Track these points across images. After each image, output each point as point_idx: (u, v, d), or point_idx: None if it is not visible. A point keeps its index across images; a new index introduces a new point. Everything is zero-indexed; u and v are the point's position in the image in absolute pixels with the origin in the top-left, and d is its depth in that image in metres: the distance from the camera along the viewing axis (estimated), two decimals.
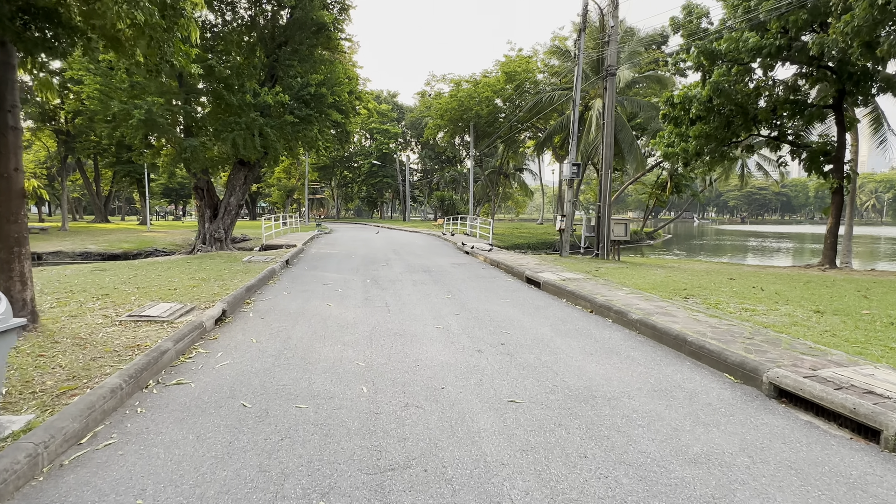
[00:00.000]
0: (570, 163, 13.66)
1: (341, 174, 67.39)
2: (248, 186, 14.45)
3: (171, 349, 4.73)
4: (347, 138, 31.31)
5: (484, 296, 8.27)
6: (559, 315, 6.85)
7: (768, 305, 6.98)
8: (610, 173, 13.15)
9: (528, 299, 8.03)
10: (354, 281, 9.73)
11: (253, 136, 12.29)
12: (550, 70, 29.73)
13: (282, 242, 17.07)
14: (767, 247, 43.13)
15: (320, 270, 11.22)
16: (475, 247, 15.56)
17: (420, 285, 9.30)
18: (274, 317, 6.57)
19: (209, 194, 13.84)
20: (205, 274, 9.33)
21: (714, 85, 12.67)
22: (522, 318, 6.65)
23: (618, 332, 5.91)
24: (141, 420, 3.41)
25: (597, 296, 7.40)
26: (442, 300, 7.84)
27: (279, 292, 8.37)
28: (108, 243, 24.39)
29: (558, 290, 8.31)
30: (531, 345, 5.33)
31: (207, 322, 5.81)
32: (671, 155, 15.39)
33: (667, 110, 15.88)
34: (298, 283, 9.30)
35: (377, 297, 8.08)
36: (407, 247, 18.11)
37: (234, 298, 7.11)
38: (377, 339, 5.52)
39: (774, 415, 3.61)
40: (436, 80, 31.87)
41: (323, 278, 10.03)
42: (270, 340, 5.41)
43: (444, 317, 6.65)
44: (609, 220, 13.20)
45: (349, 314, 6.76)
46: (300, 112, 13.33)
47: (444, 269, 11.62)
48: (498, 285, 9.46)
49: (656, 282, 9.25)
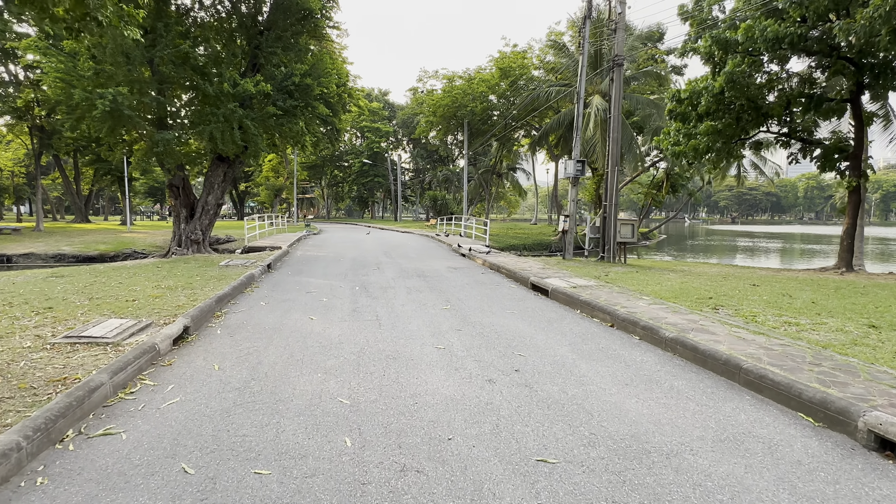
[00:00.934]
0: (574, 159, 12.81)
1: (331, 173, 66.23)
2: (227, 184, 13.44)
3: (107, 383, 3.77)
4: (338, 136, 30.34)
5: (487, 306, 7.36)
6: (576, 330, 5.97)
7: (811, 318, 6.15)
8: (617, 171, 12.33)
9: (538, 310, 7.14)
10: (342, 288, 8.79)
11: (232, 129, 11.29)
12: (546, 66, 28.91)
13: (266, 244, 16.05)
14: (766, 247, 42.73)
15: (305, 276, 10.25)
16: (472, 249, 14.67)
17: (415, 293, 8.38)
18: (245, 334, 5.61)
19: (185, 192, 12.80)
20: (173, 281, 8.33)
21: (729, 76, 11.89)
22: (535, 334, 5.75)
23: (650, 354, 5.03)
24: (36, 501, 2.46)
25: (616, 307, 6.53)
26: (440, 311, 6.93)
27: (256, 302, 7.40)
28: (83, 244, 23.16)
29: (570, 299, 7.43)
30: (552, 371, 4.44)
31: (163, 343, 4.85)
32: (678, 153, 14.60)
33: (673, 106, 15.09)
34: (279, 292, 8.34)
35: (367, 307, 7.15)
36: (399, 249, 17.17)
37: (201, 311, 6.15)
38: (366, 363, 4.60)
39: (889, 479, 2.74)
40: (428, 76, 31.07)
41: (307, 285, 9.07)
42: (236, 367, 4.47)
43: (445, 333, 5.74)
44: (616, 220, 12.38)
45: (334, 330, 5.83)
46: (284, 104, 12.33)
47: (441, 274, 10.70)
48: (501, 293, 8.57)
49: (675, 288, 8.41)
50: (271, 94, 12.05)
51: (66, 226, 36.44)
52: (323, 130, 29.19)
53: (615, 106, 12.31)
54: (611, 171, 12.40)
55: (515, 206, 74.27)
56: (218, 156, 12.74)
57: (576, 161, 12.79)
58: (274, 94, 12.26)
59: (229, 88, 10.85)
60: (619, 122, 12.42)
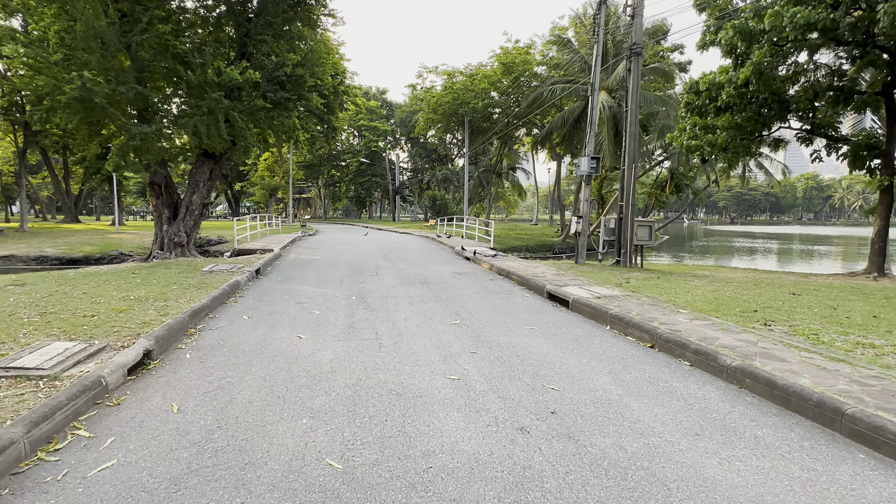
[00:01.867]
0: (588, 156, 11.91)
1: (328, 173, 65.26)
2: (214, 182, 12.49)
3: (21, 440, 2.86)
4: (334, 134, 29.38)
5: (502, 320, 6.46)
6: (612, 353, 5.07)
7: (883, 337, 5.27)
8: (634, 168, 11.44)
9: (561, 326, 6.23)
10: (337, 298, 7.87)
11: (217, 123, 10.35)
12: (550, 62, 28.02)
13: (258, 246, 15.11)
14: (776, 249, 41.92)
15: (296, 283, 9.33)
16: (477, 252, 13.76)
17: (419, 303, 7.47)
18: (220, 358, 4.70)
19: (168, 191, 11.85)
20: (146, 290, 7.39)
21: (756, 66, 11.01)
22: (564, 358, 4.85)
23: (711, 388, 4.13)
24: None
25: (654, 323, 5.63)
26: (449, 327, 6.02)
27: (238, 316, 6.48)
28: (68, 246, 22.17)
29: (596, 312, 6.53)
30: (597, 414, 3.54)
31: (113, 375, 3.94)
32: (695, 149, 13.73)
33: (690, 98, 14.24)
34: (266, 302, 7.41)
35: (365, 322, 6.24)
36: (399, 251, 16.25)
37: (170, 329, 5.23)
38: (363, 402, 3.69)
39: None
40: (428, 71, 30.02)
41: (298, 294, 8.15)
42: (201, 407, 3.56)
43: (458, 357, 4.83)
44: (632, 222, 11.49)
45: (325, 353, 4.91)
46: (275, 95, 11.39)
47: (446, 281, 9.79)
48: (515, 303, 7.66)
49: (709, 298, 7.52)
50: (260, 85, 11.11)
51: (54, 226, 35.39)
52: (319, 128, 28.18)
53: (633, 98, 11.43)
54: (628, 169, 11.51)
55: (514, 207, 73.53)
56: (203, 151, 11.78)
57: (590, 158, 11.90)
58: (264, 85, 11.31)
59: (214, 77, 9.90)
60: (636, 116, 11.54)
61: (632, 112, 11.51)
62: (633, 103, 11.46)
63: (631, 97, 11.46)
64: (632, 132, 11.49)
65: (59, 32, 9.24)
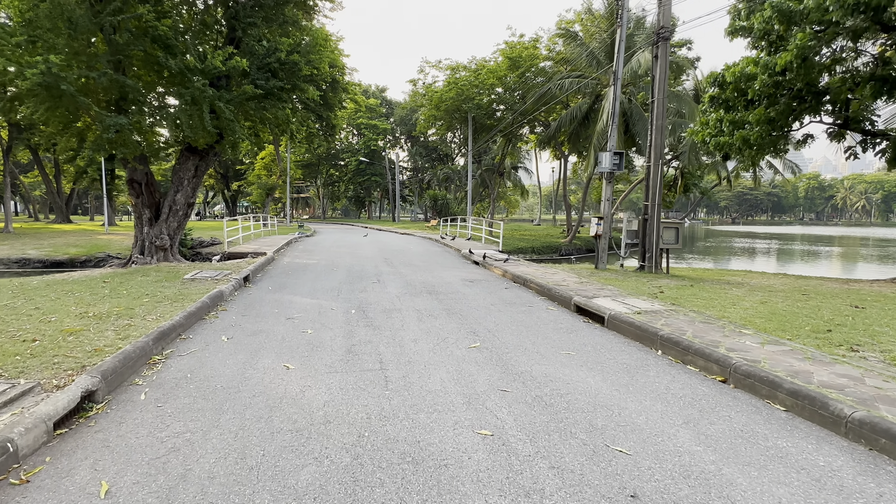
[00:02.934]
0: (611, 151, 10.88)
1: (327, 172, 64.18)
2: (199, 180, 11.45)
3: None
4: (333, 132, 28.27)
5: (530, 341, 5.43)
6: (676, 390, 4.05)
7: None
8: (661, 165, 10.42)
9: (602, 349, 5.21)
10: (334, 311, 6.84)
11: (201, 113, 9.31)
12: (556, 57, 26.99)
13: (250, 249, 14.09)
14: (789, 250, 40.90)
15: (289, 292, 8.30)
16: (487, 256, 12.73)
17: (429, 319, 6.45)
18: (182, 400, 3.68)
19: (149, 190, 10.79)
20: (112, 304, 6.36)
21: (800, 50, 10.01)
22: (621, 399, 3.83)
23: (831, 449, 3.11)
24: None
25: (721, 349, 4.61)
26: (469, 352, 5.00)
27: (216, 337, 5.46)
28: (52, 248, 21.14)
29: (641, 332, 5.51)
30: (698, 501, 2.51)
31: (28, 435, 2.92)
32: (723, 145, 12.71)
33: (715, 92, 13.19)
34: (251, 318, 6.38)
35: (366, 345, 5.21)
36: (401, 255, 15.22)
37: (126, 359, 4.21)
38: (367, 480, 2.67)
39: None
40: (430, 65, 28.83)
41: (290, 306, 7.12)
42: (140, 489, 2.54)
43: (486, 398, 3.81)
44: (658, 223, 10.48)
45: (318, 392, 3.89)
46: (266, 84, 10.34)
47: (456, 290, 8.77)
48: (540, 319, 6.64)
49: (762, 312, 6.51)
50: (250, 72, 10.08)
51: (43, 226, 34.32)
52: (318, 126, 27.01)
53: (659, 87, 10.41)
54: (654, 165, 10.50)
55: (515, 206, 72.50)
56: (187, 146, 10.73)
57: (612, 153, 10.87)
58: (254, 73, 10.27)
59: (196, 63, 8.87)
60: (664, 108, 10.53)
61: (659, 103, 10.49)
62: (661, 93, 10.44)
63: (658, 86, 10.44)
64: (658, 125, 10.47)
65: (22, 11, 8.22)
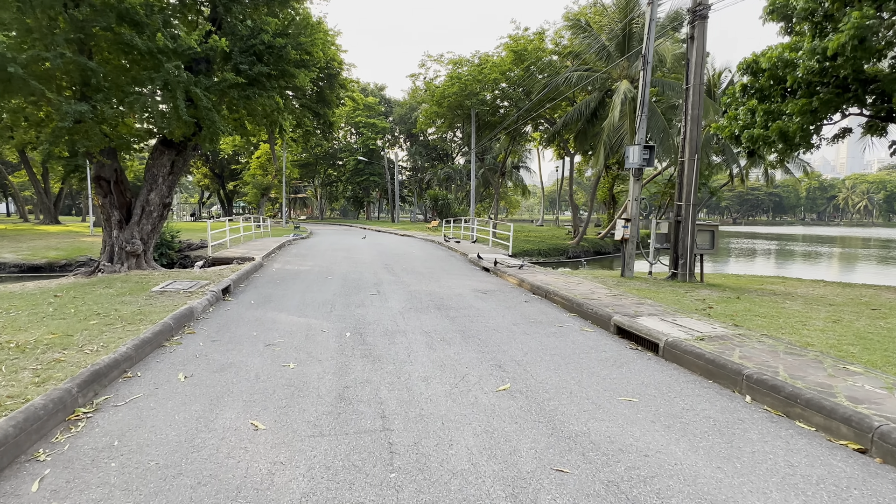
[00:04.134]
0: (640, 144, 9.66)
1: (325, 172, 62.96)
2: (176, 177, 10.19)
3: None
4: (330, 130, 27.00)
5: (574, 380, 4.24)
6: (806, 470, 2.85)
7: None
8: (697, 160, 9.23)
9: (672, 394, 4.01)
10: (324, 335, 5.63)
11: (176, 101, 8.10)
12: (563, 50, 25.80)
13: (237, 254, 12.87)
14: (805, 252, 39.70)
15: (273, 308, 7.09)
16: (498, 261, 11.52)
17: (441, 345, 5.24)
18: (95, 493, 2.48)
19: (119, 189, 9.55)
20: (46, 329, 5.14)
21: (857, 30, 8.84)
22: (739, 491, 2.62)
23: None
24: None
25: (844, 402, 3.42)
26: (498, 399, 3.80)
27: (171, 374, 4.25)
28: (31, 251, 19.87)
29: (716, 369, 4.31)
30: None
31: None
32: (756, 139, 11.54)
33: (749, 80, 12.03)
34: (221, 345, 5.17)
35: (363, 389, 4.01)
36: (403, 259, 14.01)
37: (29, 420, 3.02)
38: None
39: None
40: (431, 59, 27.62)
41: (272, 327, 5.91)
42: None
43: (536, 486, 2.61)
44: (693, 225, 9.29)
45: (294, 476, 2.69)
46: (251, 69, 9.13)
47: (469, 304, 7.57)
48: (575, 344, 5.44)
49: (845, 335, 5.31)
50: (232, 56, 8.86)
51: (29, 228, 33.03)
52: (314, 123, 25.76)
53: (695, 73, 9.19)
54: (689, 160, 9.29)
55: (516, 207, 71.37)
56: (162, 139, 9.51)
57: (642, 147, 9.65)
58: (236, 57, 9.04)
59: (168, 43, 7.66)
60: (700, 96, 9.30)
61: (695, 90, 9.28)
62: (697, 79, 9.24)
63: (693, 72, 9.23)
64: (694, 115, 9.27)
65: None
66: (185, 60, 8.35)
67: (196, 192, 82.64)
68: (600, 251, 29.40)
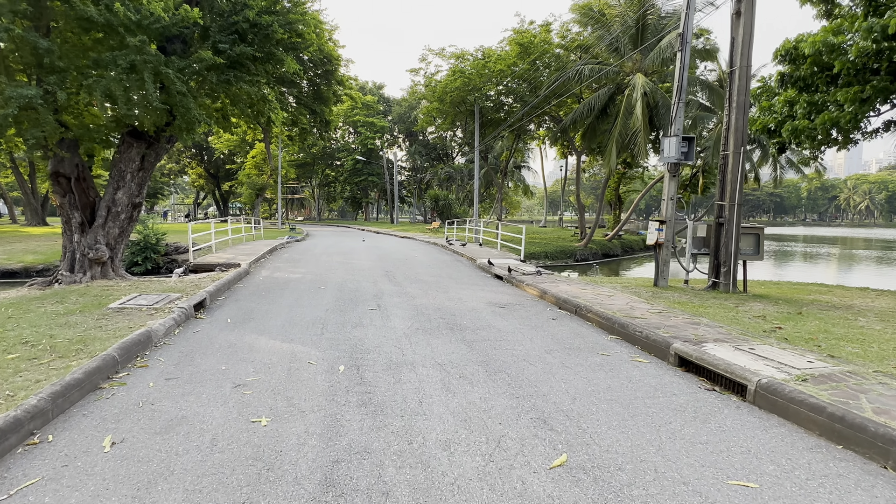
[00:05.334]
0: (677, 135, 8.46)
1: (323, 172, 61.68)
2: (148, 174, 8.97)
3: None
4: (327, 128, 25.74)
5: (654, 448, 3.06)
6: None
7: None
8: (744, 152, 8.05)
9: (806, 476, 2.84)
10: (312, 370, 4.45)
11: (143, 84, 6.92)
12: (570, 44, 24.65)
13: (222, 259, 11.67)
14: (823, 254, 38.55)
15: (251, 329, 5.90)
16: (512, 268, 10.34)
17: (461, 387, 4.06)
18: None
19: (81, 186, 8.33)
20: None
21: None
22: None
23: None
24: None
25: None
26: (554, 485, 2.62)
27: (90, 443, 3.07)
28: (7, 255, 18.62)
29: (851, 432, 3.14)
30: None
31: None
32: (799, 132, 10.41)
33: (789, 69, 10.90)
34: (177, 387, 3.99)
35: (360, 464, 2.83)
36: (405, 265, 12.82)
37: None
38: None
39: None
40: (433, 53, 26.34)
41: (246, 358, 4.73)
42: None
43: None
44: (738, 227, 8.12)
45: None
46: (231, 49, 7.93)
47: (487, 322, 6.39)
48: (634, 382, 4.26)
49: None
50: (209, 33, 7.68)
51: (14, 230, 31.77)
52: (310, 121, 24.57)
53: (743, 53, 8.00)
54: (733, 153, 8.10)
55: (516, 208, 70.23)
56: (131, 130, 8.33)
57: (680, 138, 8.48)
58: (215, 34, 7.85)
59: (130, 15, 6.47)
60: (747, 80, 8.10)
61: (741, 73, 8.09)
62: (744, 59, 8.04)
63: (741, 52, 8.04)
64: (740, 102, 8.08)
65: None
66: (155, 38, 7.18)
67: (192, 192, 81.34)
68: (608, 253, 28.24)
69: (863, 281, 19.61)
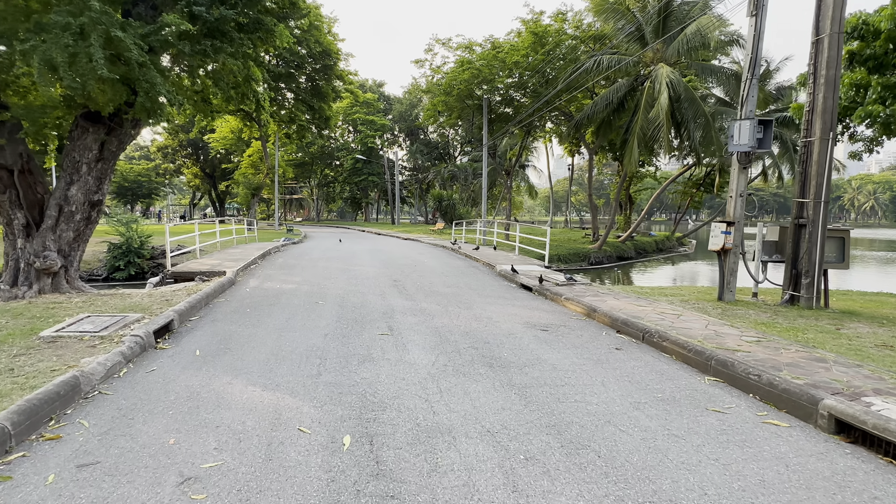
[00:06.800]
0: (751, 118, 6.96)
1: (322, 172, 60.17)
2: (109, 165, 7.51)
3: None
4: (326, 125, 24.17)
5: None
6: None
7: None
8: (832, 141, 6.61)
9: None
10: (303, 444, 2.99)
11: (91, 52, 5.47)
12: (584, 35, 23.19)
13: (205, 266, 10.20)
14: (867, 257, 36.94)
15: (225, 366, 4.44)
16: (545, 278, 8.88)
17: (528, 478, 2.61)
18: None
19: (26, 181, 6.82)
20: None
21: None
22: None
23: None
24: None
25: None
26: None
27: None
28: None
29: None
30: None
31: None
32: (874, 116, 9.00)
33: (857, 47, 9.50)
34: (87, 485, 2.52)
35: None
36: (415, 272, 11.35)
37: None
38: None
39: None
40: (439, 43, 24.88)
41: (209, 422, 3.28)
42: None
43: None
44: (824, 230, 6.70)
45: None
46: (208, 12, 6.45)
47: (534, 355, 4.94)
48: (791, 469, 2.82)
49: None
50: None
51: None
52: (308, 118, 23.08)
53: (833, 18, 6.53)
54: (820, 139, 6.62)
55: (519, 208, 68.80)
56: (86, 112, 6.86)
57: (754, 122, 6.97)
58: None
59: None
60: (839, 49, 6.61)
61: (831, 41, 6.59)
62: (836, 25, 6.58)
63: (831, 16, 6.58)
64: (829, 77, 6.59)
65: None
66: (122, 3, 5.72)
67: (188, 193, 79.76)
68: (623, 256, 26.80)
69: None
